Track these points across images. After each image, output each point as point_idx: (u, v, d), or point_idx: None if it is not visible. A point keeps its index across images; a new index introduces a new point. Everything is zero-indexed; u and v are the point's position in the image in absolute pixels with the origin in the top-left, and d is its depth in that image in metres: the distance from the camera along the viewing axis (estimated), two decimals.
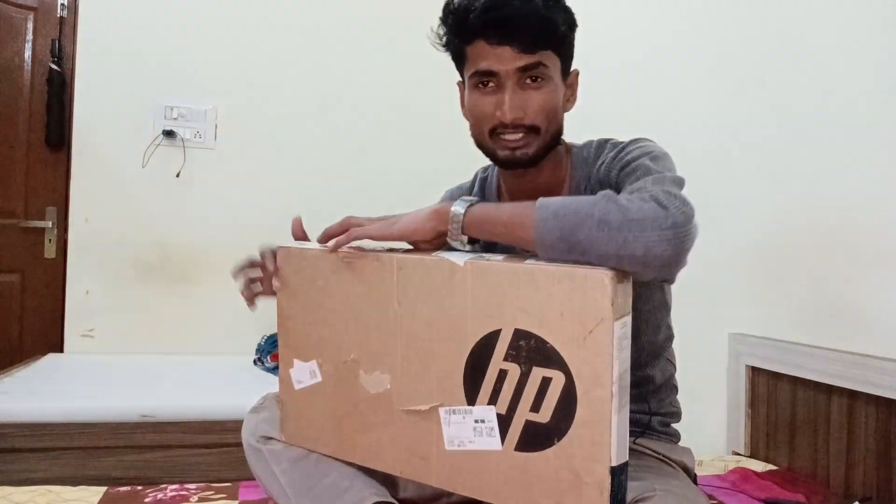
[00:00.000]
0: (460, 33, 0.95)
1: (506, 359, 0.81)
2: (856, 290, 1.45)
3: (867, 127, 1.43)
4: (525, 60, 0.92)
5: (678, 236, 0.75)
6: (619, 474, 0.76)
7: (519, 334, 0.80)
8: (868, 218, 1.43)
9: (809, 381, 1.52)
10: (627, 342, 0.78)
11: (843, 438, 1.45)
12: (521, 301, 0.79)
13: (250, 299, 1.03)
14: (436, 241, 0.90)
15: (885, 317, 1.38)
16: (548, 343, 0.78)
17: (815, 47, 1.57)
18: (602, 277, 0.74)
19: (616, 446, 0.76)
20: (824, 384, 1.48)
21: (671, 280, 0.82)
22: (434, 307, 0.86)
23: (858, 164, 1.45)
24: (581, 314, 0.75)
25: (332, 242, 0.93)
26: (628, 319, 0.78)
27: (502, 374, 0.81)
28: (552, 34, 0.93)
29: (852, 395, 1.42)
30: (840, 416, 1.46)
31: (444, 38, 0.99)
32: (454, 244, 0.88)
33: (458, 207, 0.87)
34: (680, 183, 0.87)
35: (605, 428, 0.75)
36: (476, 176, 1.18)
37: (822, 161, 1.54)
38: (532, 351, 0.79)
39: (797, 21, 1.62)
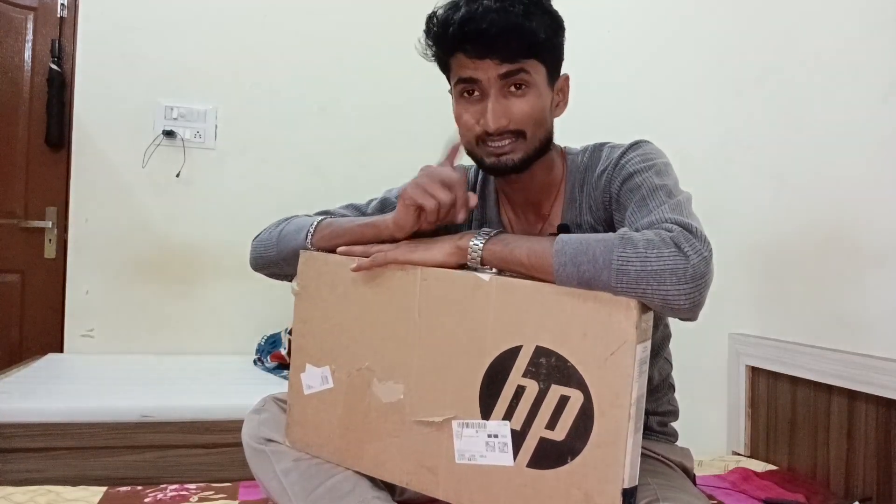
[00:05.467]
0: (441, 46, 0.95)
1: (525, 375, 0.81)
2: (856, 291, 1.45)
3: (867, 127, 1.43)
4: (506, 68, 0.91)
5: (697, 288, 0.74)
6: (630, 496, 0.76)
7: (540, 351, 0.80)
8: (867, 218, 1.43)
9: (809, 381, 1.52)
10: (646, 366, 0.78)
11: (843, 438, 1.45)
12: (545, 319, 0.79)
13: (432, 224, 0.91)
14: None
15: (885, 317, 1.38)
16: (569, 362, 0.78)
17: (815, 48, 1.57)
18: (628, 301, 0.75)
19: (629, 468, 0.76)
20: (824, 384, 1.48)
21: (692, 321, 0.81)
22: (455, 320, 0.86)
23: (858, 164, 1.45)
24: (604, 335, 0.76)
25: (354, 265, 0.94)
26: (649, 344, 0.78)
27: (520, 390, 0.81)
28: (532, 44, 0.91)
29: (852, 395, 1.42)
30: (840, 416, 1.46)
31: (429, 50, 0.99)
32: (478, 274, 0.87)
33: (477, 242, 0.87)
34: (690, 201, 0.87)
35: (620, 450, 0.75)
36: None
37: (822, 161, 1.54)
38: (552, 369, 0.79)
39: (797, 22, 1.62)
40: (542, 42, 0.92)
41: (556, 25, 0.95)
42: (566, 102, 1.03)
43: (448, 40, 0.93)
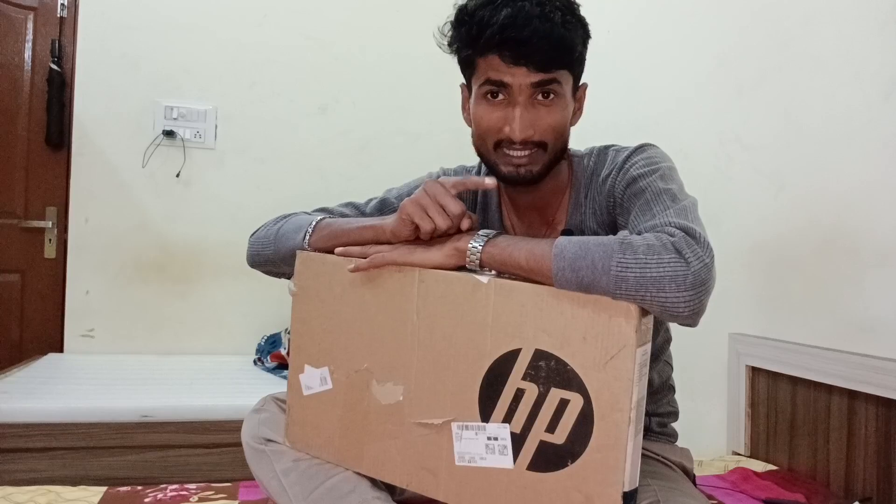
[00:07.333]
0: (473, 45, 0.93)
1: (524, 378, 0.81)
2: (856, 291, 1.44)
3: (867, 127, 1.43)
4: (539, 77, 0.90)
5: (698, 295, 0.73)
6: (630, 499, 0.76)
7: (539, 355, 0.79)
8: (868, 218, 1.43)
9: (809, 381, 1.52)
10: (646, 369, 0.78)
11: (843, 438, 1.45)
12: (544, 322, 0.79)
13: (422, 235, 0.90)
14: None
15: (885, 317, 1.38)
16: (568, 365, 0.77)
17: (815, 49, 1.57)
18: (628, 305, 0.75)
19: (630, 471, 0.75)
20: (824, 384, 1.48)
21: (692, 327, 0.80)
22: (454, 322, 0.86)
23: (858, 164, 1.45)
24: (604, 339, 0.75)
25: (351, 266, 0.93)
26: (649, 347, 0.78)
27: (519, 393, 0.81)
28: (569, 54, 0.91)
29: (852, 395, 1.42)
30: (840, 416, 1.46)
31: (455, 45, 0.96)
32: (477, 276, 0.86)
33: (476, 244, 0.85)
34: (696, 206, 0.86)
35: (620, 453, 0.75)
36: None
37: (822, 161, 1.54)
38: (552, 372, 0.79)
39: (797, 22, 1.62)
40: (578, 53, 0.92)
41: (585, 35, 0.95)
42: (582, 111, 1.03)
43: (484, 41, 0.90)
